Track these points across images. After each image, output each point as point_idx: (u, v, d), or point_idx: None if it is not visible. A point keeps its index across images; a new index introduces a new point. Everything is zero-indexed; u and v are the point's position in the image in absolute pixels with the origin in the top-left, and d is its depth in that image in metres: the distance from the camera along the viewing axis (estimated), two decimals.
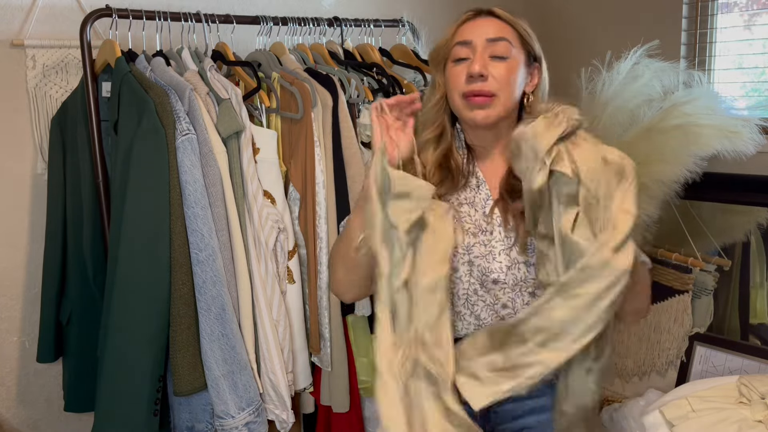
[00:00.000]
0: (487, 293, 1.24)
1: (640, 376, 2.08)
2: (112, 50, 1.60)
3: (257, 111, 1.70)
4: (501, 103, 1.22)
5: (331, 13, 2.05)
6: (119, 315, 1.46)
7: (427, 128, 1.30)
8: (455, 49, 1.24)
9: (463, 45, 1.23)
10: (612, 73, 1.95)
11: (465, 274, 1.24)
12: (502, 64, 1.21)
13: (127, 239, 1.45)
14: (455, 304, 1.25)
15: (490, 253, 1.24)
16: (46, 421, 1.89)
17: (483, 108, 1.21)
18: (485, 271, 1.23)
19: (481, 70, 1.19)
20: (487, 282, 1.23)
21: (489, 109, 1.21)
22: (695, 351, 1.98)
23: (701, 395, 1.64)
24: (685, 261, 2.01)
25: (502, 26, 1.24)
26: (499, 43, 1.22)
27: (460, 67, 1.23)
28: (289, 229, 1.64)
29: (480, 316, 1.25)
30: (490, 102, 1.21)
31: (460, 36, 1.24)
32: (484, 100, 1.20)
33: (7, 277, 1.80)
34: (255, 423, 1.54)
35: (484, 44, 1.22)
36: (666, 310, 2.03)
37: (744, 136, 1.84)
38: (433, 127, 1.29)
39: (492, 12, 1.25)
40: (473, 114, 1.22)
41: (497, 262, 1.23)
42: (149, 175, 1.45)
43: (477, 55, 1.21)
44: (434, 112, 1.29)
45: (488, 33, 1.22)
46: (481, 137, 1.29)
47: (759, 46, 2.19)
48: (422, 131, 1.30)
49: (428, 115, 1.30)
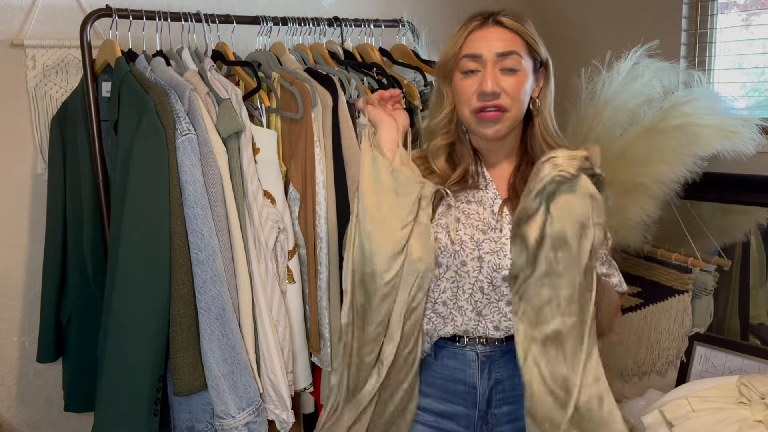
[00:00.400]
0: (494, 291, 1.25)
1: (640, 376, 2.08)
2: (112, 50, 1.60)
3: (257, 111, 1.70)
4: (512, 117, 1.23)
5: (331, 13, 2.05)
6: (119, 315, 1.46)
7: (438, 136, 1.31)
8: (463, 62, 1.23)
9: (472, 58, 1.22)
10: (612, 73, 1.96)
11: (474, 270, 1.25)
12: (513, 78, 1.21)
13: (127, 239, 1.45)
14: (458, 298, 1.26)
15: (501, 249, 1.25)
16: (46, 421, 1.89)
17: (495, 123, 1.22)
18: (495, 267, 1.24)
19: (494, 89, 1.19)
20: (497, 278, 1.24)
21: (500, 125, 1.23)
22: (695, 351, 1.98)
23: (701, 395, 1.64)
24: (685, 261, 2.01)
25: (511, 37, 1.23)
26: (509, 57, 1.21)
27: (470, 81, 1.22)
28: (289, 229, 1.64)
29: (482, 312, 1.26)
30: (501, 117, 1.22)
31: (469, 48, 1.23)
32: (496, 115, 1.21)
33: (7, 277, 1.80)
34: (255, 423, 1.54)
35: (494, 59, 1.21)
36: (666, 310, 2.03)
37: (744, 136, 1.84)
38: (445, 136, 1.30)
39: (500, 21, 1.24)
40: (484, 130, 1.23)
41: (507, 259, 1.24)
42: (149, 175, 1.45)
43: (488, 72, 1.20)
44: (445, 123, 1.30)
45: (498, 47, 1.21)
46: (488, 144, 1.30)
47: (759, 46, 2.19)
48: (433, 139, 1.31)
49: (439, 125, 1.30)
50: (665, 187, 1.90)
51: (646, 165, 1.89)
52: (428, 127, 1.34)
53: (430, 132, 1.32)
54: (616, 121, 1.96)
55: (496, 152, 1.31)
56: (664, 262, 2.06)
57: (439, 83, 1.31)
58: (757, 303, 2.00)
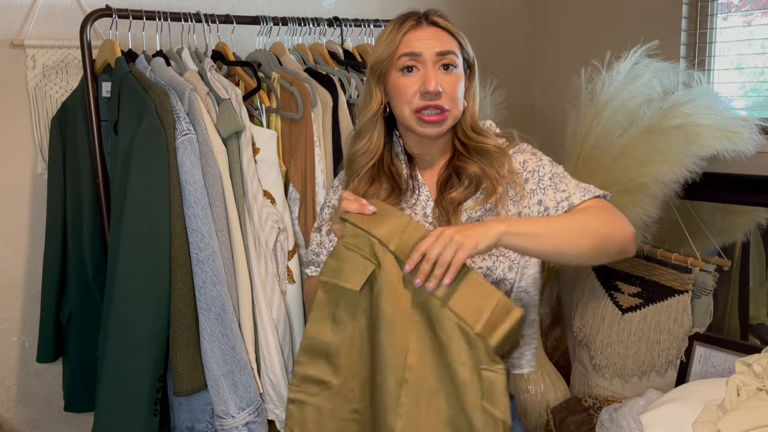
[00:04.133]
0: None
1: (639, 376, 2.08)
2: (112, 50, 1.60)
3: (257, 111, 1.70)
4: (452, 117, 1.23)
5: (331, 13, 2.05)
6: (119, 315, 1.46)
7: (362, 140, 1.29)
8: (402, 60, 1.22)
9: (411, 56, 1.21)
10: (612, 73, 1.96)
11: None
12: (451, 77, 1.22)
13: (127, 239, 1.45)
14: None
15: None
16: (46, 421, 1.89)
17: (437, 125, 1.21)
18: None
19: (437, 88, 1.19)
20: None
21: (442, 126, 1.22)
22: (695, 351, 1.98)
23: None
24: (685, 261, 2.01)
25: (447, 37, 1.23)
26: (447, 56, 1.21)
27: (410, 79, 1.21)
28: (289, 229, 1.64)
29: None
30: (443, 119, 1.21)
31: (407, 47, 1.21)
32: (439, 118, 1.21)
33: (7, 277, 1.80)
34: (255, 423, 1.54)
35: (433, 58, 1.21)
36: (666, 310, 2.03)
37: (744, 136, 1.84)
38: (367, 138, 1.28)
39: (434, 21, 1.24)
40: (425, 130, 1.22)
41: None
42: (149, 175, 1.45)
43: (429, 71, 1.20)
44: (370, 124, 1.28)
45: (436, 46, 1.21)
46: (424, 146, 1.29)
47: (758, 46, 2.19)
48: (357, 143, 1.29)
49: (365, 126, 1.29)
50: (665, 187, 1.90)
51: (646, 165, 1.89)
52: (356, 129, 1.32)
53: (357, 133, 1.30)
54: (616, 121, 1.96)
55: (430, 153, 1.30)
56: (664, 262, 2.06)
57: (369, 83, 1.28)
58: (756, 303, 2.00)
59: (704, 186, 1.93)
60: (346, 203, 1.14)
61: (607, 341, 2.13)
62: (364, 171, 1.28)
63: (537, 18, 2.63)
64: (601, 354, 2.14)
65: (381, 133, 1.29)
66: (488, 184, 1.23)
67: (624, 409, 1.73)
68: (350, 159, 1.31)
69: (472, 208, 1.25)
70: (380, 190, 1.27)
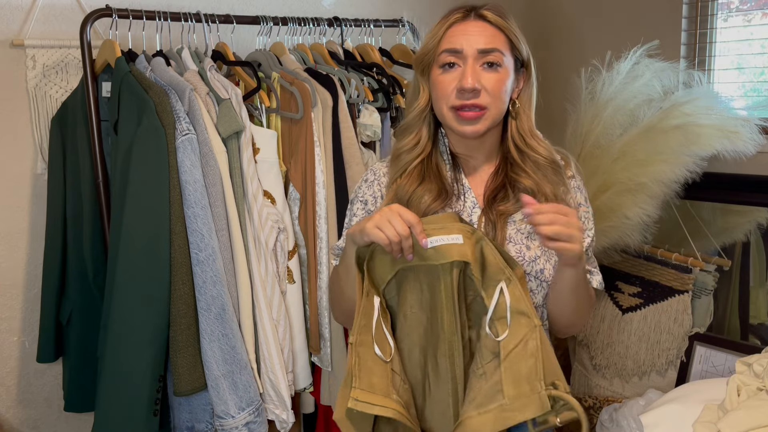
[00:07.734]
0: None
1: (640, 376, 2.08)
2: (112, 50, 1.60)
3: (257, 111, 1.70)
4: (491, 116, 1.18)
5: (331, 13, 2.05)
6: (119, 315, 1.46)
7: (408, 135, 1.25)
8: (443, 56, 1.18)
9: (452, 53, 1.17)
10: (612, 73, 1.96)
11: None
12: (494, 75, 1.17)
13: (127, 239, 1.45)
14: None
15: None
16: (46, 421, 1.89)
17: (474, 123, 1.17)
18: None
19: (474, 85, 1.14)
20: None
21: (479, 124, 1.18)
22: (695, 351, 1.98)
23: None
24: (685, 261, 2.00)
25: (494, 33, 1.18)
26: (490, 54, 1.16)
27: (449, 76, 1.17)
28: (289, 229, 1.64)
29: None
30: (481, 116, 1.17)
31: (449, 42, 1.17)
32: (475, 114, 1.16)
33: (7, 277, 1.80)
34: (255, 423, 1.54)
35: (475, 55, 1.16)
36: (666, 310, 2.03)
37: (744, 136, 1.84)
38: (414, 134, 1.25)
39: (482, 15, 1.19)
40: (463, 128, 1.18)
41: None
42: (149, 175, 1.45)
43: (468, 68, 1.15)
44: (417, 120, 1.24)
45: (479, 42, 1.16)
46: (466, 146, 1.26)
47: (758, 46, 2.19)
48: (403, 138, 1.26)
49: (412, 121, 1.25)
50: (665, 187, 1.90)
51: (646, 165, 1.89)
52: (403, 124, 1.29)
53: (405, 129, 1.27)
54: (616, 121, 1.96)
55: (475, 156, 1.26)
56: (664, 262, 2.06)
57: (416, 77, 1.25)
58: (757, 303, 2.00)
59: (704, 186, 1.93)
60: (401, 229, 1.05)
61: (607, 341, 2.13)
62: (412, 168, 1.24)
63: (536, 18, 2.63)
64: (601, 354, 2.14)
65: (429, 130, 1.25)
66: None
67: (624, 409, 1.73)
68: (395, 154, 1.27)
69: (521, 221, 1.22)
70: (428, 191, 1.21)
